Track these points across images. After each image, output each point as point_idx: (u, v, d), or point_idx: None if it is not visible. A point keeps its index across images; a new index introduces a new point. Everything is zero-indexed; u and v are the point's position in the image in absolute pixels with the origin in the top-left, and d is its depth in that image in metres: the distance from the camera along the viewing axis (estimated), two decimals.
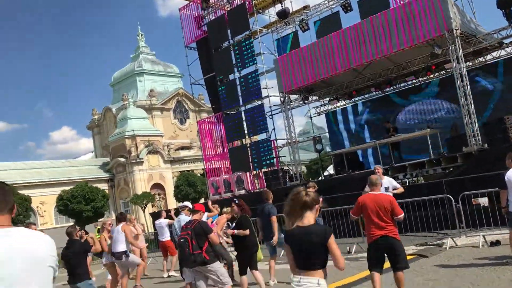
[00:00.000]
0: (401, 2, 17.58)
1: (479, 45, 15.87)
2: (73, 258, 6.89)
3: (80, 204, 30.81)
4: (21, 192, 32.37)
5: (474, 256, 8.44)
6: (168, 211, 14.11)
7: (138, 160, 48.34)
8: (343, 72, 17.82)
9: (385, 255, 5.98)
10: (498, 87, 17.43)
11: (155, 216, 11.76)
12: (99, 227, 17.89)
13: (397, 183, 10.59)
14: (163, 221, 11.15)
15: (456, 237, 9.76)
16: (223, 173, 22.90)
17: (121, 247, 8.84)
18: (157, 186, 49.57)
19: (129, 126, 49.78)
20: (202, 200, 39.74)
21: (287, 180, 19.18)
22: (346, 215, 11.89)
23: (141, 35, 61.57)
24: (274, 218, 8.34)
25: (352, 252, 11.02)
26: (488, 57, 17.66)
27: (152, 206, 43.24)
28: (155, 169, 50.04)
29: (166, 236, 11.28)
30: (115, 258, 8.93)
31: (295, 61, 18.57)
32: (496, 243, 9.11)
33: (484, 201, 9.17)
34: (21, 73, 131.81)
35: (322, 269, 3.42)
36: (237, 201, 7.92)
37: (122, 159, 49.05)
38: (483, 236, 9.38)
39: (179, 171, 50.23)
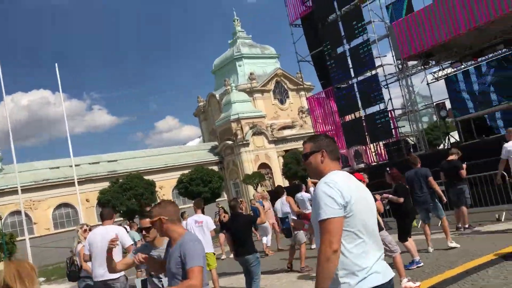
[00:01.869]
0: None
1: None
2: (240, 231, 7.06)
3: (198, 186, 32.57)
4: (145, 178, 35.02)
5: None
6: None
7: (244, 142, 49.76)
8: (462, 34, 16.66)
9: None
10: None
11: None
12: (220, 205, 18.79)
13: None
14: (304, 194, 11.29)
15: None
16: (340, 148, 22.71)
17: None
18: (264, 166, 50.71)
19: (233, 110, 51.30)
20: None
21: (411, 150, 18.52)
22: (491, 182, 11.22)
23: (237, 20, 62.64)
24: (432, 180, 8.39)
25: (502, 220, 10.38)
26: None
27: (261, 186, 44.39)
28: (261, 149, 51.17)
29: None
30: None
31: (412, 25, 17.72)
32: None
33: None
34: (128, 73, 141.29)
35: None
36: (389, 171, 7.81)
37: (230, 142, 50.80)
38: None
39: (284, 150, 50.89)
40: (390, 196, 7.54)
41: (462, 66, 19.98)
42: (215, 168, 49.60)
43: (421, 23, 17.33)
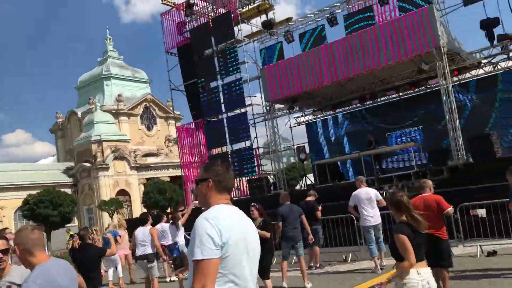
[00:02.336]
0: (388, 19, 18.24)
1: (462, 63, 16.60)
2: (88, 263, 6.67)
3: (47, 209, 29.65)
4: None
5: (471, 266, 8.75)
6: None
7: (104, 166, 47.12)
8: (325, 85, 18.20)
9: None
10: (469, 103, 18.22)
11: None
12: (71, 232, 17.37)
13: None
14: (164, 225, 10.95)
15: (454, 246, 10.11)
16: None
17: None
18: (123, 192, 48.46)
19: (95, 131, 48.52)
20: (169, 210, 39.28)
21: (271, 188, 19.30)
22: (341, 224, 12.12)
23: (109, 39, 60.39)
24: (304, 218, 9.06)
25: (348, 261, 11.20)
26: (467, 75, 18.48)
27: (117, 213, 42.21)
28: (121, 175, 48.91)
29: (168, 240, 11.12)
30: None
31: (282, 71, 18.80)
32: (493, 252, 9.50)
33: (482, 212, 9.57)
34: None
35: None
36: (256, 205, 7.94)
37: (87, 164, 47.68)
38: (480, 246, 9.78)
39: (146, 178, 49.41)
40: (259, 230, 7.64)
41: (322, 115, 21.72)
42: (68, 190, 45.92)
43: (290, 70, 18.49)
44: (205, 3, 23.55)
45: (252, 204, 8.14)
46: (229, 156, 22.06)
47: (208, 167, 2.48)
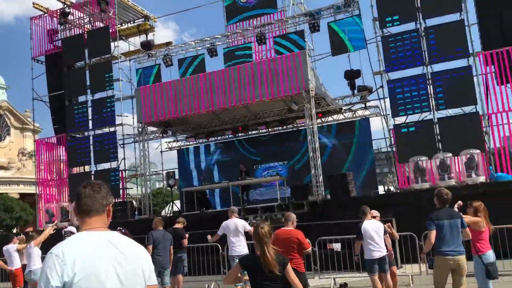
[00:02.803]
0: (264, 58, 19.26)
1: (326, 107, 18.10)
2: None
3: None
4: None
5: None
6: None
7: None
8: (202, 113, 18.40)
9: None
10: (329, 145, 19.89)
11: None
12: None
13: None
14: (10, 247, 9.85)
15: (310, 278, 10.73)
16: (61, 201, 21.02)
17: None
18: None
19: None
20: (15, 230, 35.48)
21: (136, 212, 18.60)
22: (206, 252, 12.12)
23: None
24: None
25: None
26: (329, 118, 20.18)
27: None
28: None
29: (16, 264, 10.00)
30: None
31: (158, 93, 18.51)
32: (344, 285, 10.29)
33: (337, 246, 10.36)
34: None
35: None
36: (123, 229, 7.61)
37: None
38: (334, 278, 10.52)
39: None
40: None
41: (195, 142, 21.79)
42: None
43: (166, 93, 18.30)
44: (82, 14, 22.42)
45: (118, 228, 7.81)
46: (92, 176, 20.81)
47: (79, 187, 2.26)
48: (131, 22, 23.41)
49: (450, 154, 14.07)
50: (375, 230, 7.74)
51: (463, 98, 14.98)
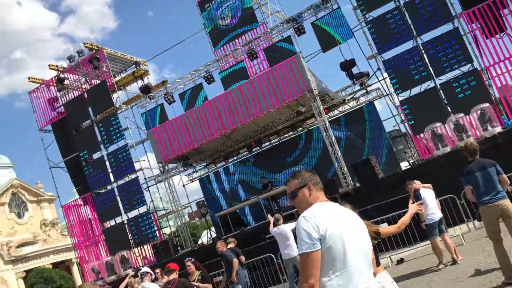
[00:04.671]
0: (259, 71, 19.87)
1: (331, 102, 18.65)
2: None
3: None
4: None
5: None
6: None
7: None
8: (215, 138, 18.96)
9: None
10: (343, 137, 20.40)
11: None
12: None
13: None
14: None
15: None
16: (100, 258, 21.46)
17: None
18: None
19: None
20: None
21: (179, 248, 19.04)
22: (263, 265, 12.57)
23: None
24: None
25: None
26: (335, 112, 20.74)
27: None
28: None
29: None
30: None
31: (170, 131, 19.13)
32: (401, 260, 10.72)
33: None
34: None
35: None
36: (192, 259, 8.08)
37: None
38: (389, 256, 10.96)
39: (24, 271, 44.58)
40: (200, 284, 7.73)
41: (214, 168, 22.31)
42: None
43: (178, 129, 18.91)
44: (76, 76, 23.13)
45: (187, 259, 8.26)
46: (125, 225, 21.30)
47: (298, 176, 2.78)
48: (123, 72, 24.10)
49: (462, 114, 14.55)
50: (429, 196, 8.33)
51: (458, 59, 15.52)
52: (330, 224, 2.47)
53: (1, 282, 43.81)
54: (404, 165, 19.38)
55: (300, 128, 21.45)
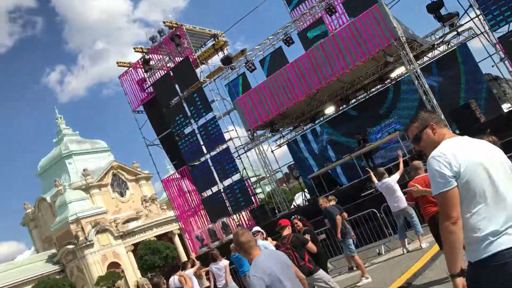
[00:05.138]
0: (339, 26, 19.20)
1: (420, 48, 17.65)
2: None
3: None
4: None
5: None
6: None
7: (88, 243, 45.71)
8: (300, 100, 18.79)
9: None
10: (436, 85, 19.28)
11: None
12: None
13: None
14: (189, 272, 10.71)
15: None
16: (201, 227, 22.56)
17: None
18: (114, 265, 46.96)
19: (70, 211, 47.25)
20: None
21: (276, 211, 19.45)
22: (365, 221, 12.45)
23: (60, 118, 59.61)
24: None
25: (383, 253, 11.47)
26: (424, 58, 19.62)
27: (113, 286, 40.84)
28: (107, 248, 47.50)
29: None
30: None
31: (255, 99, 19.32)
32: None
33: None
34: None
35: None
36: (298, 217, 8.17)
37: (71, 246, 46.10)
38: None
39: (132, 244, 48.27)
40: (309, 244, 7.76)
41: (301, 130, 22.27)
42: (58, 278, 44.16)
43: (262, 95, 19.03)
44: (160, 56, 23.94)
45: (294, 216, 8.36)
46: (222, 193, 22.08)
47: (417, 118, 2.66)
48: (204, 45, 24.53)
49: None
50: None
51: None
52: (462, 159, 2.34)
53: (114, 256, 47.88)
54: (506, 107, 18.03)
55: (388, 81, 20.60)
